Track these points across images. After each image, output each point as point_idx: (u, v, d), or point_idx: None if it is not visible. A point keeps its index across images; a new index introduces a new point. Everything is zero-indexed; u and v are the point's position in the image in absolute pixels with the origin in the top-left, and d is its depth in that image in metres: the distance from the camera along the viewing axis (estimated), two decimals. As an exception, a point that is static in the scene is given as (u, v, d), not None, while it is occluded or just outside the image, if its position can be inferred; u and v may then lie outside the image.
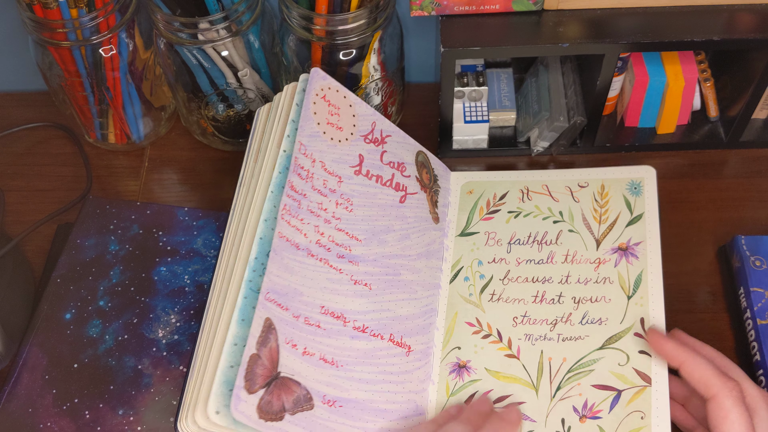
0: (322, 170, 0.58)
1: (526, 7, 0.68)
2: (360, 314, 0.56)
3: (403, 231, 0.61)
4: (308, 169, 0.57)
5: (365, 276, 0.57)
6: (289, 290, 0.53)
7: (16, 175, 0.78)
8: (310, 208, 0.56)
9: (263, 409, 0.49)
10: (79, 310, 0.66)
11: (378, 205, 0.60)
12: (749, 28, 0.66)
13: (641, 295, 0.59)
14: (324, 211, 0.57)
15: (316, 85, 0.59)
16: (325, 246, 0.56)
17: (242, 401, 0.48)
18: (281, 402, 0.50)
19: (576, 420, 0.55)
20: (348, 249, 0.57)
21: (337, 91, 0.60)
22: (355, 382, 0.54)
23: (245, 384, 0.48)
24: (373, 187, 0.60)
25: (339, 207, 0.58)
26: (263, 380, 0.49)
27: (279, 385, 0.50)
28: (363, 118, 0.61)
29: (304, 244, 0.55)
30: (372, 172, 0.61)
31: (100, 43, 0.68)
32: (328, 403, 0.52)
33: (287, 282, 0.53)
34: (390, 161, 0.62)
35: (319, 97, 0.59)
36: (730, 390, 0.50)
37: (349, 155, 0.60)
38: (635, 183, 0.64)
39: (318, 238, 0.56)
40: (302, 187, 0.56)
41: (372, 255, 0.58)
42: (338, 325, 0.55)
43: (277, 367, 0.50)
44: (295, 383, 0.51)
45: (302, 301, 0.53)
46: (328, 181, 0.58)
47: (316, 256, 0.55)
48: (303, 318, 0.53)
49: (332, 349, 0.54)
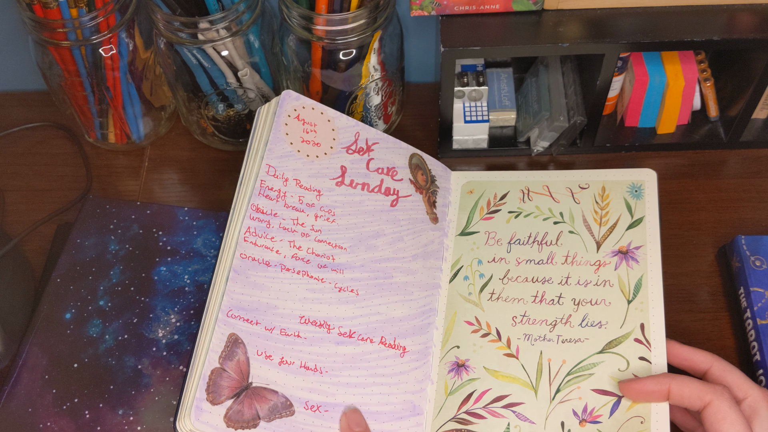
0: (297, 187, 0.60)
1: (526, 7, 0.68)
2: (346, 320, 0.58)
3: (396, 234, 0.63)
4: (279, 189, 0.60)
5: (351, 282, 0.59)
6: (259, 305, 0.56)
7: (16, 175, 0.78)
8: (282, 226, 0.59)
9: (232, 418, 0.52)
10: (79, 310, 0.66)
11: (365, 212, 0.62)
12: (749, 28, 0.66)
13: (641, 300, 0.59)
14: (301, 225, 0.60)
15: (288, 107, 0.61)
16: (303, 258, 0.59)
17: (205, 412, 0.52)
18: (254, 411, 0.53)
19: (576, 424, 0.55)
20: (331, 258, 0.60)
21: (313, 108, 0.62)
22: (342, 386, 0.56)
23: (207, 396, 0.52)
24: (359, 195, 0.62)
25: (319, 219, 0.60)
26: (230, 391, 0.53)
27: (250, 394, 0.53)
28: (344, 131, 0.63)
29: (277, 260, 0.58)
30: (357, 180, 0.63)
31: (100, 42, 0.68)
32: (312, 408, 0.55)
33: (255, 298, 0.56)
34: (378, 168, 0.64)
35: (291, 117, 0.61)
36: (722, 393, 0.51)
37: (329, 168, 0.62)
38: (636, 186, 0.64)
39: (294, 252, 0.59)
40: (271, 207, 0.59)
41: (359, 261, 0.60)
42: (321, 332, 0.57)
43: (248, 378, 0.54)
44: (270, 392, 0.54)
45: (277, 313, 0.57)
46: (305, 197, 0.61)
47: (293, 270, 0.58)
48: (278, 330, 0.56)
49: (315, 357, 0.56)
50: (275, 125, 0.61)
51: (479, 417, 0.57)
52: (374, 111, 0.75)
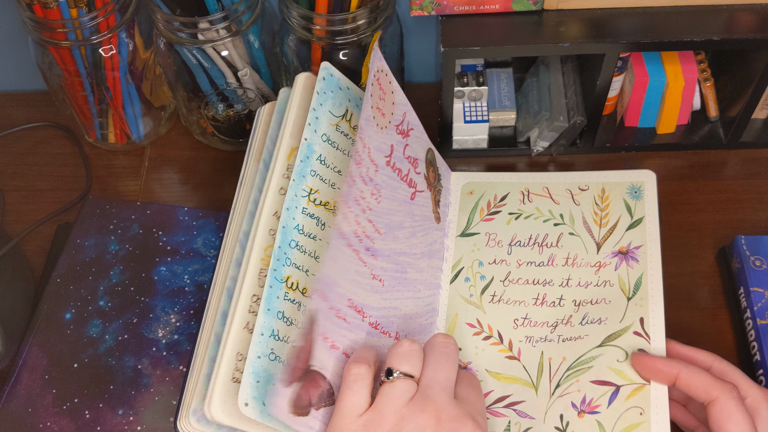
0: (368, 157, 0.54)
1: (526, 7, 0.68)
2: (374, 310, 0.55)
3: (412, 228, 0.60)
4: (360, 153, 0.53)
5: (380, 271, 0.55)
6: (331, 281, 0.51)
7: (16, 175, 0.78)
8: (355, 196, 0.53)
9: (294, 403, 0.48)
10: (79, 310, 0.66)
11: (396, 200, 0.58)
12: (749, 28, 0.66)
13: (641, 296, 0.59)
14: (363, 199, 0.53)
15: (376, 66, 0.55)
16: (359, 237, 0.53)
17: (278, 395, 0.47)
18: (309, 396, 0.49)
19: (574, 415, 0.55)
20: (372, 241, 0.54)
21: (386, 74, 0.56)
22: None
23: (287, 377, 0.47)
24: (396, 180, 0.58)
25: (372, 197, 0.55)
26: (299, 374, 0.48)
27: (309, 378, 0.49)
28: (399, 107, 0.58)
29: (348, 232, 0.52)
30: (396, 164, 0.58)
31: (100, 42, 0.68)
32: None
33: (331, 271, 0.51)
34: (409, 156, 0.60)
35: (375, 78, 0.55)
36: (730, 391, 0.51)
37: (385, 144, 0.56)
38: (635, 187, 0.64)
39: (355, 228, 0.53)
40: (354, 173, 0.53)
41: (387, 250, 0.56)
42: (358, 319, 0.53)
43: (310, 359, 0.49)
44: (322, 377, 0.50)
45: (337, 292, 0.51)
46: (370, 169, 0.55)
47: (352, 246, 0.52)
48: (335, 310, 0.51)
49: (352, 344, 0.52)
50: (369, 82, 0.54)
51: (480, 418, 0.57)
52: (374, 111, 0.75)
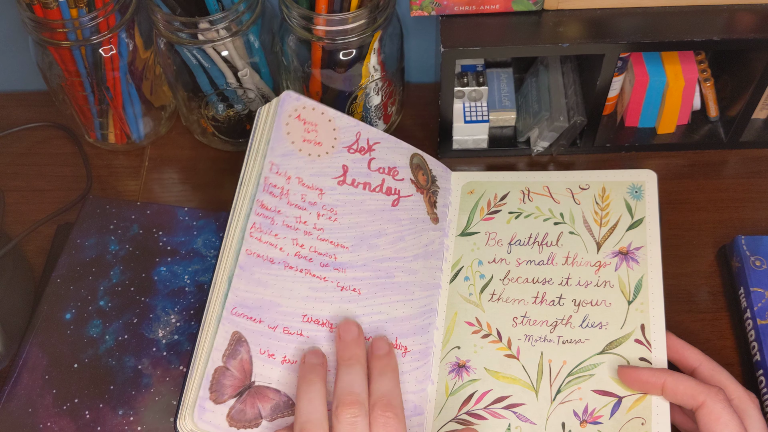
0: (300, 185, 0.60)
1: (526, 7, 0.68)
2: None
3: (397, 234, 0.62)
4: (282, 186, 0.60)
5: (353, 281, 0.59)
6: (263, 303, 0.56)
7: (16, 175, 0.78)
8: (286, 223, 0.59)
9: (235, 417, 0.52)
10: (79, 310, 0.66)
11: (366, 211, 0.62)
12: (749, 28, 0.66)
13: (641, 301, 0.59)
14: (303, 223, 0.60)
15: (288, 107, 0.61)
16: (306, 257, 0.59)
17: (208, 411, 0.52)
18: (256, 410, 0.53)
19: (576, 424, 0.55)
20: (333, 257, 0.59)
21: (313, 109, 0.62)
22: None
23: (210, 395, 0.52)
24: (360, 194, 0.62)
25: (321, 218, 0.60)
26: (233, 390, 0.53)
27: (253, 393, 0.53)
28: (345, 130, 0.63)
29: (280, 257, 0.58)
30: (358, 180, 0.63)
31: (100, 43, 0.68)
32: None
33: (259, 296, 0.56)
34: (379, 167, 0.64)
35: (292, 117, 0.61)
36: (716, 394, 0.51)
37: (331, 167, 0.62)
38: (636, 186, 0.64)
39: (297, 250, 0.59)
40: (275, 204, 0.59)
41: (361, 260, 0.60)
42: (323, 331, 0.57)
43: (251, 377, 0.54)
44: (273, 391, 0.54)
45: (280, 312, 0.56)
46: (307, 195, 0.60)
47: (296, 268, 0.58)
48: (281, 328, 0.56)
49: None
50: (276, 125, 0.61)
51: (480, 418, 0.57)
52: (374, 111, 0.75)
